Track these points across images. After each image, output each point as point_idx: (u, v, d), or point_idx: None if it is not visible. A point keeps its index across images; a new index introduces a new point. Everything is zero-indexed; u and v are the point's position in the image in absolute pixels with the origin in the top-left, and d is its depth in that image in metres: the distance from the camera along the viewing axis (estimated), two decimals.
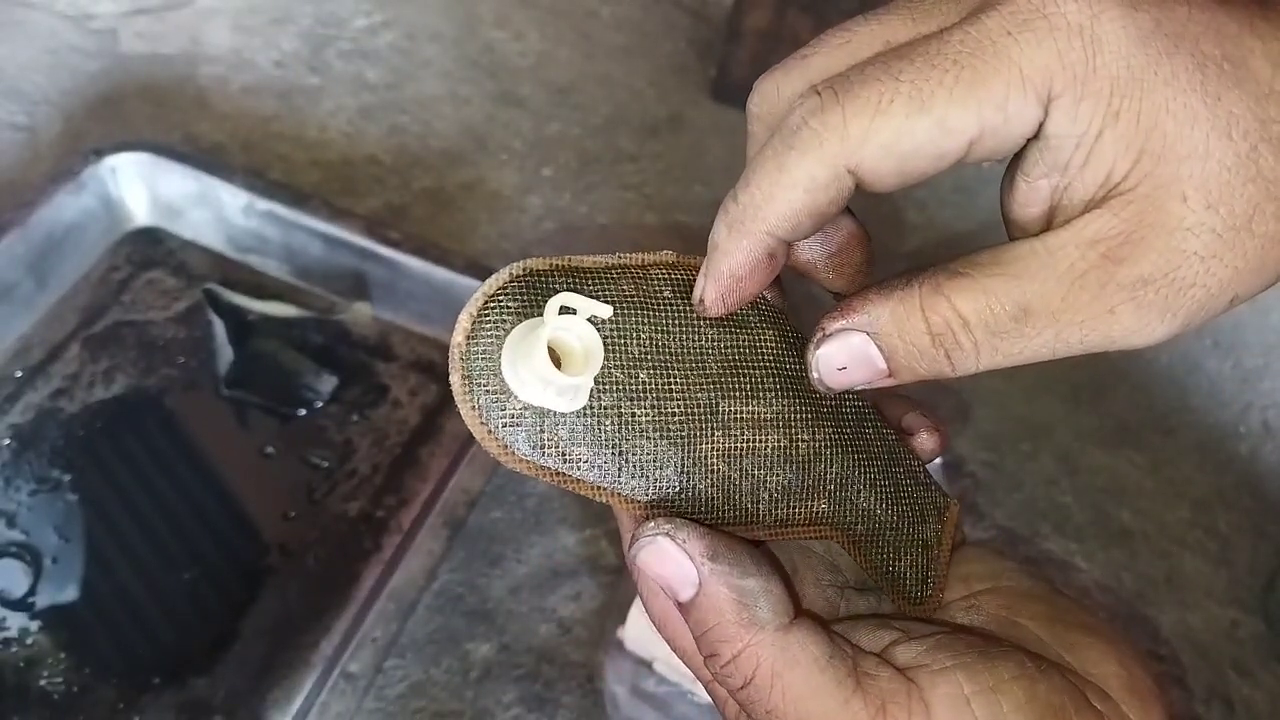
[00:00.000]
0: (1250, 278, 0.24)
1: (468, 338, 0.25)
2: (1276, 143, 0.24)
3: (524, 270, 0.26)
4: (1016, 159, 0.25)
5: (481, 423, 0.25)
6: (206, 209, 0.70)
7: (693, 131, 0.83)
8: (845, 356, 0.26)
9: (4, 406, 0.62)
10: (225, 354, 0.65)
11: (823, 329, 0.26)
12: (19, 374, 0.64)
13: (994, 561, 0.30)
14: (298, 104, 0.82)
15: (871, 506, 0.28)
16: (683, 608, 0.25)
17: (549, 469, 0.25)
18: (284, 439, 0.62)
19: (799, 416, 0.27)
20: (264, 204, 0.68)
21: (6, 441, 0.61)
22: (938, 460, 0.64)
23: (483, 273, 0.66)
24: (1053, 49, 0.23)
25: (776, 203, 0.25)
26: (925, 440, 0.31)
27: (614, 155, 0.82)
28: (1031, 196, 0.25)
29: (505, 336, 0.25)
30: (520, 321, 0.25)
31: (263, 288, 0.69)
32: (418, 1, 0.92)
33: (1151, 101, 0.23)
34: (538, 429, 0.25)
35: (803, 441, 0.27)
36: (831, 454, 0.28)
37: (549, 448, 0.25)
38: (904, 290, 0.25)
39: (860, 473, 0.28)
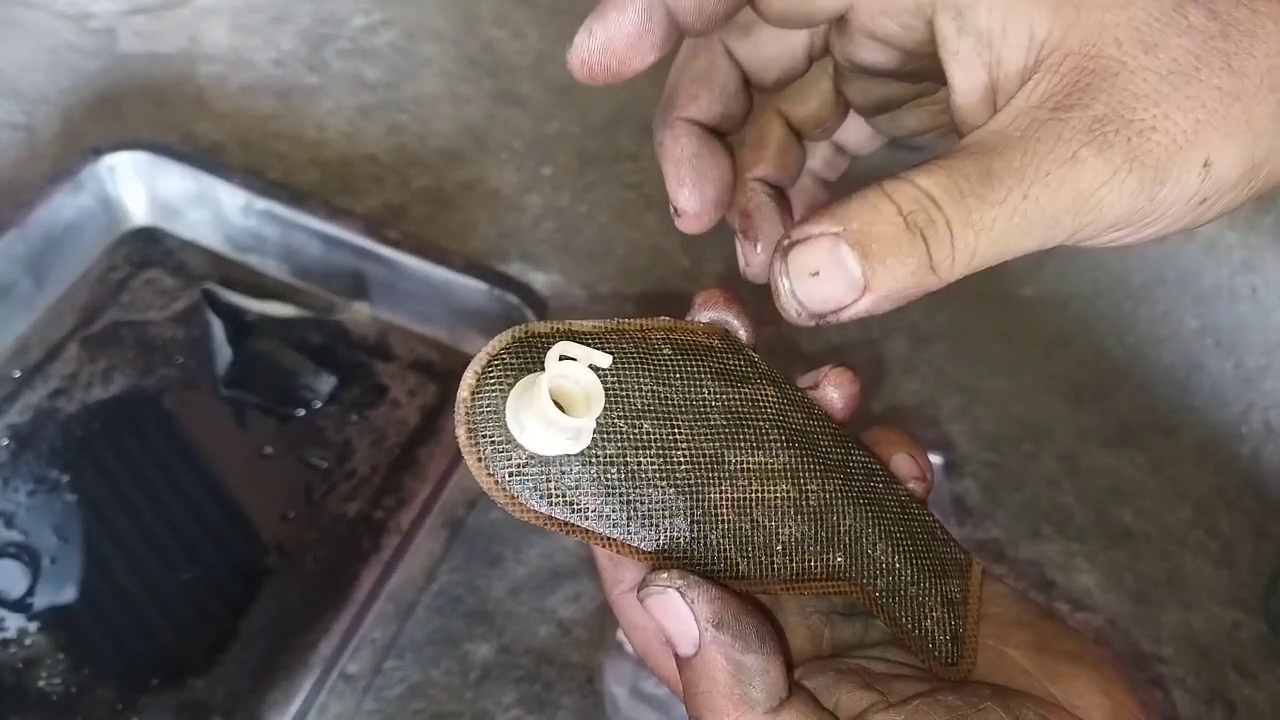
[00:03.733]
0: (1219, 138, 0.23)
1: (473, 393, 0.25)
2: (1202, 3, 0.23)
3: (526, 333, 0.26)
4: (940, 51, 0.25)
5: (488, 474, 0.25)
6: (205, 208, 0.69)
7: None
8: (815, 259, 0.24)
9: (2, 407, 0.62)
10: (224, 354, 0.65)
11: (788, 237, 0.25)
12: (17, 374, 0.63)
13: (985, 586, 0.30)
14: (296, 103, 0.82)
15: (890, 560, 0.28)
16: (680, 660, 0.25)
17: (557, 519, 0.25)
18: (283, 439, 0.62)
19: (807, 468, 0.27)
20: (262, 203, 0.68)
21: (5, 442, 0.60)
22: (939, 460, 0.64)
23: (483, 272, 0.66)
24: None
25: None
26: (912, 489, 0.31)
27: (614, 154, 0.82)
28: (968, 80, 0.25)
29: (509, 391, 0.25)
30: (523, 377, 0.26)
31: (261, 287, 0.69)
32: (417, 0, 0.91)
33: None
34: (543, 478, 0.25)
35: (812, 493, 0.27)
36: (843, 506, 0.28)
37: (556, 497, 0.25)
38: (866, 188, 0.24)
39: (874, 525, 0.28)
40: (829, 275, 0.24)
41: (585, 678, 0.56)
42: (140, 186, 0.70)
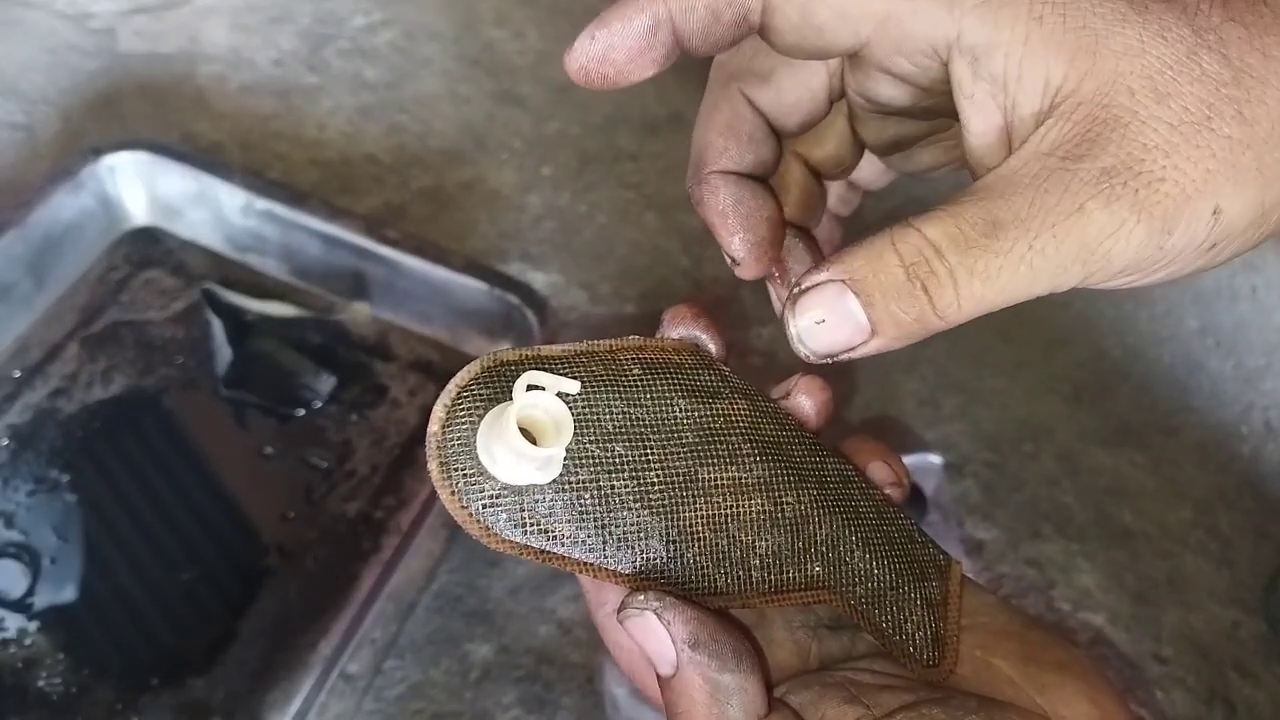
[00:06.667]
0: (1228, 186, 0.23)
1: (443, 427, 0.25)
2: (1215, 49, 0.23)
3: (494, 361, 0.26)
4: (955, 93, 0.25)
5: (462, 506, 0.25)
6: (205, 208, 0.69)
7: (693, 130, 0.83)
8: (822, 308, 0.24)
9: (2, 407, 0.62)
10: (224, 354, 0.65)
11: (797, 284, 0.25)
12: (17, 374, 0.63)
13: (973, 597, 0.30)
14: (296, 103, 0.82)
15: (868, 566, 0.28)
16: (660, 680, 0.25)
17: (533, 548, 0.25)
18: (283, 439, 0.62)
19: (781, 480, 0.27)
20: (262, 203, 0.68)
21: (5, 442, 0.60)
22: (938, 461, 0.64)
23: (482, 272, 0.66)
24: None
25: None
26: (888, 495, 0.31)
27: (614, 154, 0.82)
28: (983, 123, 0.25)
29: (479, 422, 0.25)
30: (493, 408, 0.26)
31: (261, 287, 0.69)
32: (417, 0, 0.91)
33: (1075, 5, 0.23)
34: (517, 508, 0.25)
35: (788, 504, 0.27)
36: (820, 515, 0.28)
37: (530, 526, 0.25)
38: (874, 235, 0.25)
39: (851, 532, 0.28)
40: (835, 321, 0.24)
41: (585, 678, 0.56)
42: (140, 186, 0.70)
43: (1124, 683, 0.59)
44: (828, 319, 0.24)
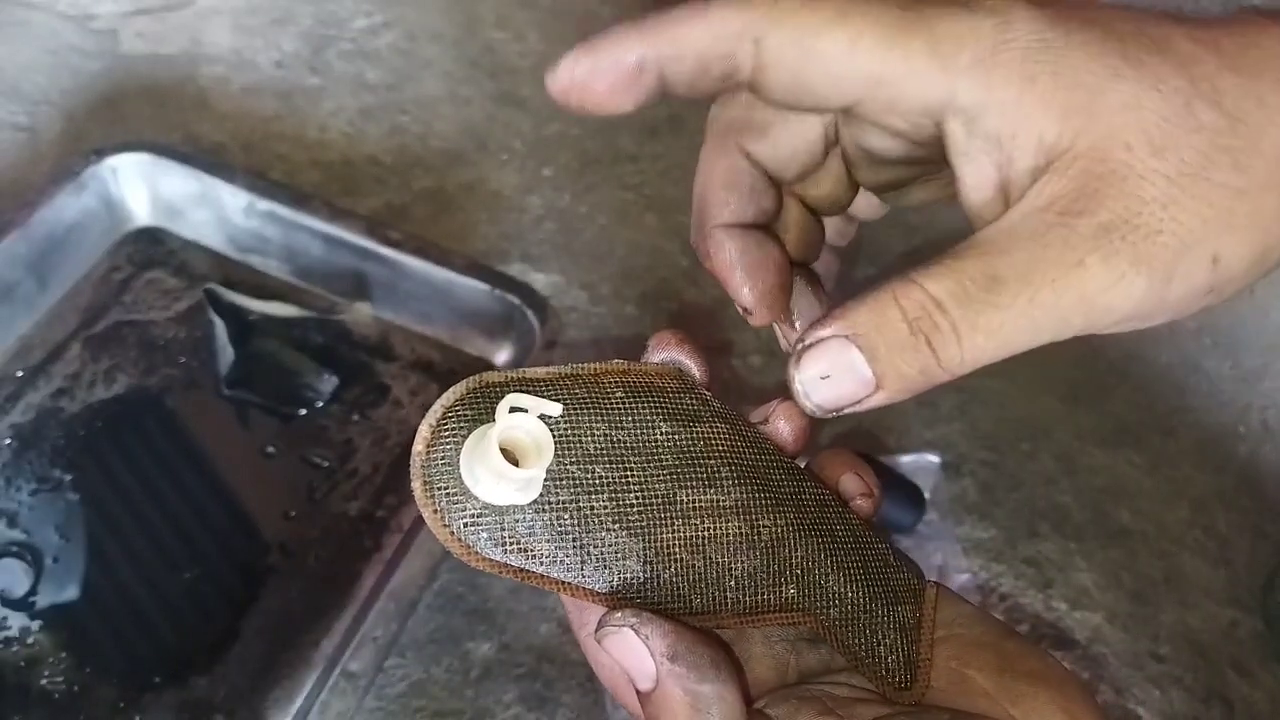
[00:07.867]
0: (1226, 234, 0.23)
1: (427, 446, 0.26)
2: (1209, 99, 0.23)
3: (480, 383, 0.27)
4: (949, 151, 0.26)
5: (444, 525, 0.25)
6: (207, 209, 0.70)
7: (692, 132, 0.83)
8: (827, 363, 0.25)
9: (5, 406, 0.62)
10: (226, 354, 0.65)
11: (800, 340, 0.26)
12: (20, 374, 0.64)
13: (949, 607, 0.30)
14: (298, 104, 0.83)
15: (841, 589, 0.29)
16: (641, 696, 0.26)
17: (512, 566, 0.26)
18: (284, 439, 0.62)
19: (758, 503, 0.28)
20: (265, 204, 0.68)
21: (7, 441, 0.61)
22: (936, 460, 0.65)
23: (483, 273, 0.66)
24: (968, 23, 0.24)
25: (678, 26, 0.26)
26: (860, 506, 0.31)
27: (614, 155, 0.82)
28: (979, 178, 0.25)
29: (463, 443, 0.26)
30: (476, 429, 0.26)
31: (264, 288, 0.69)
32: (418, 2, 0.92)
33: (1068, 63, 0.24)
34: (498, 527, 0.26)
35: (764, 527, 0.28)
36: (795, 539, 0.28)
37: (510, 545, 0.26)
38: (877, 290, 0.25)
39: (826, 556, 0.29)
40: (839, 375, 0.25)
41: (585, 675, 0.56)
42: (143, 187, 0.70)
43: (1121, 681, 0.59)
44: (832, 373, 0.25)
